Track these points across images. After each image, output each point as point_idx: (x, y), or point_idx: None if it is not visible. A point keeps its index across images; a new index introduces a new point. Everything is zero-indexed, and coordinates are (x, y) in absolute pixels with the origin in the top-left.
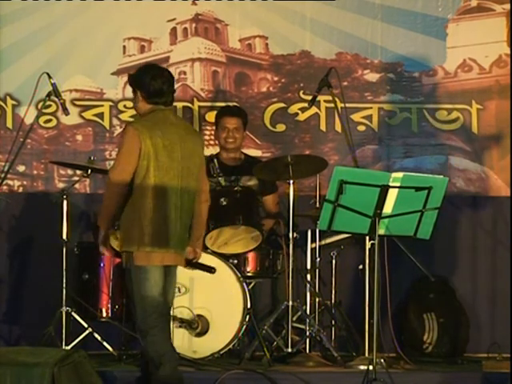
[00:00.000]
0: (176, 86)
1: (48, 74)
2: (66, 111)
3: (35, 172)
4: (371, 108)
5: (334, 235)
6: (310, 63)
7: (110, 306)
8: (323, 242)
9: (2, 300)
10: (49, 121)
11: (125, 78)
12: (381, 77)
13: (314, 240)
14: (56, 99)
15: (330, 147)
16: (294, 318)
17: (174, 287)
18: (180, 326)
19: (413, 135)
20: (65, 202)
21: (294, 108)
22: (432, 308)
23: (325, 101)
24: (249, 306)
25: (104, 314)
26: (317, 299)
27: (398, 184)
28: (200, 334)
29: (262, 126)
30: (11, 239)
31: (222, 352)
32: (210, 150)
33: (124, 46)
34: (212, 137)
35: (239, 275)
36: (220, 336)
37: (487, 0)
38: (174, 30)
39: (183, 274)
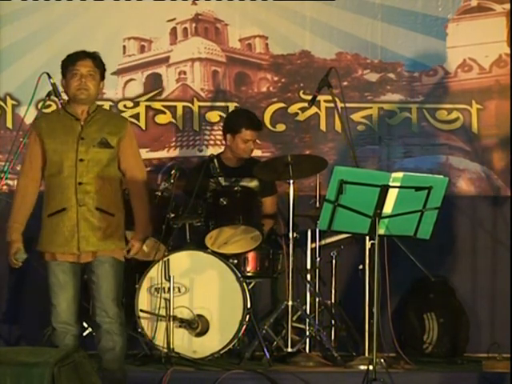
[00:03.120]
0: (176, 85)
1: (48, 74)
2: None
3: None
4: (371, 108)
5: (334, 235)
6: (310, 63)
7: None
8: (323, 242)
9: (2, 300)
10: None
11: (125, 78)
12: (381, 77)
13: (313, 240)
14: (56, 99)
15: (329, 147)
16: (294, 318)
17: None
18: (180, 326)
19: (413, 135)
20: None
21: (293, 108)
22: (432, 308)
23: (325, 101)
24: (249, 305)
25: None
26: (317, 299)
27: (398, 184)
28: (200, 334)
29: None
30: None
31: (222, 352)
32: (210, 150)
33: (124, 46)
34: (212, 137)
35: (239, 275)
36: (220, 336)
37: (487, 0)
38: (174, 29)
39: (183, 274)
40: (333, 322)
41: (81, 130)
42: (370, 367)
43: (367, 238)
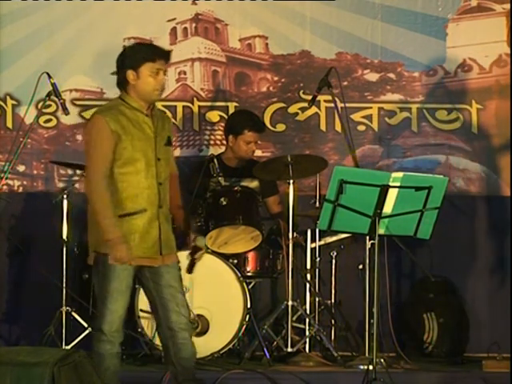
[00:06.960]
0: (176, 85)
1: (48, 73)
2: (65, 111)
3: (35, 172)
4: (371, 108)
5: (334, 235)
6: (310, 63)
7: None
8: (323, 242)
9: (1, 300)
10: (49, 121)
11: None
12: (381, 77)
13: (313, 240)
14: (56, 99)
15: (329, 147)
16: (294, 318)
17: None
18: None
19: (413, 135)
20: (65, 202)
21: (293, 108)
22: (432, 308)
23: (325, 101)
24: (249, 305)
25: None
26: (317, 299)
27: (398, 184)
28: (200, 334)
29: None
30: (11, 239)
31: (222, 352)
32: (211, 150)
33: (124, 46)
34: (212, 137)
35: (239, 275)
36: (220, 336)
37: (487, 0)
38: (173, 29)
39: (183, 274)
40: (333, 321)
41: (153, 126)
42: (370, 367)
43: (367, 237)
